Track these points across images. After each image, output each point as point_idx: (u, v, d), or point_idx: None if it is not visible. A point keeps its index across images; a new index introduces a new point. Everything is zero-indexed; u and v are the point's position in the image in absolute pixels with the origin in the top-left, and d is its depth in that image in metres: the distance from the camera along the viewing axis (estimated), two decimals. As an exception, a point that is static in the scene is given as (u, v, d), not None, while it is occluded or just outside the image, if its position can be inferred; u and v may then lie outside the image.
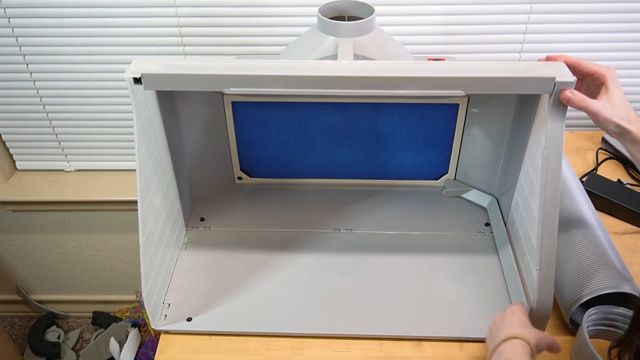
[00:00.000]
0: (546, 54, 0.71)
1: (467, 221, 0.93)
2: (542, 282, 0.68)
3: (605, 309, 0.71)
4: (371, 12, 0.82)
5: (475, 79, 0.65)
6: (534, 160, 0.76)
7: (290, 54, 0.87)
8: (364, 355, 0.73)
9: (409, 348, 0.74)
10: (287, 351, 0.74)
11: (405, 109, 0.90)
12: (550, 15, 1.06)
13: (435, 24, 1.07)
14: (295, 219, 0.94)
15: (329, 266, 0.85)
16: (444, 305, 0.78)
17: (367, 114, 0.91)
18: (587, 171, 1.03)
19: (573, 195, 0.85)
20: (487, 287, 0.81)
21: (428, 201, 0.98)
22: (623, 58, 1.12)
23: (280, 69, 0.66)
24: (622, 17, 1.06)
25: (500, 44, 1.10)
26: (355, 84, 0.65)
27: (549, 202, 0.66)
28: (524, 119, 0.80)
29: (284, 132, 0.94)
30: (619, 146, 1.07)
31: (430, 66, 0.67)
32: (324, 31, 0.81)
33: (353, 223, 0.93)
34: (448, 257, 0.86)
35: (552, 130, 0.65)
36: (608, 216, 0.94)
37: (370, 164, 0.98)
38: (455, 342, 0.74)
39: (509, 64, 0.66)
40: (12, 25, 1.07)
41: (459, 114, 0.90)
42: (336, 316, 0.77)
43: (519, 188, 0.83)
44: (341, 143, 0.95)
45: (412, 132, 0.93)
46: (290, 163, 0.99)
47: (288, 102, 0.90)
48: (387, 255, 0.87)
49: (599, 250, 0.75)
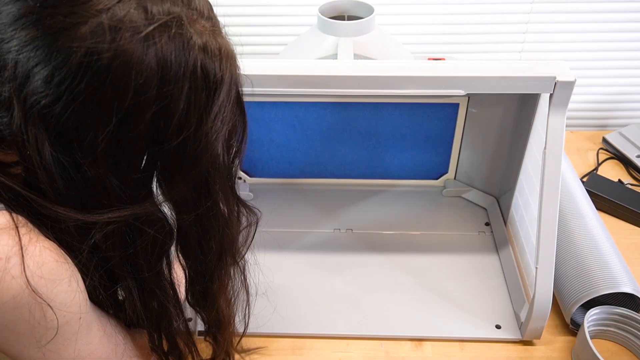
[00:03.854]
0: (546, 53, 0.71)
1: (467, 221, 0.93)
2: (540, 280, 0.68)
3: (606, 309, 0.71)
4: (371, 11, 0.82)
5: (475, 79, 0.65)
6: (534, 159, 0.76)
7: (290, 54, 0.87)
8: (364, 355, 0.73)
9: (409, 348, 0.73)
10: (287, 351, 0.73)
11: (405, 109, 0.90)
12: (550, 15, 1.06)
13: (435, 23, 1.07)
14: (295, 219, 0.94)
15: (329, 266, 0.85)
16: (444, 305, 0.78)
17: (367, 113, 0.91)
18: (588, 171, 1.03)
19: (573, 195, 0.85)
20: (487, 287, 0.81)
21: (428, 201, 0.97)
22: (623, 58, 1.12)
23: (280, 69, 0.66)
24: (622, 17, 1.06)
25: (500, 44, 1.10)
26: (355, 84, 0.65)
27: (548, 202, 0.66)
28: (524, 119, 0.80)
29: (284, 132, 0.94)
30: (620, 146, 1.07)
31: (430, 66, 0.67)
32: (324, 31, 0.81)
33: (353, 223, 0.93)
34: (448, 257, 0.86)
35: (553, 130, 0.65)
36: (609, 216, 0.94)
37: (370, 164, 0.98)
38: (455, 342, 0.74)
39: (509, 64, 0.66)
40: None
41: (459, 114, 0.90)
42: (336, 316, 0.77)
43: (519, 188, 0.83)
44: (341, 143, 0.95)
45: (412, 131, 0.93)
46: (290, 163, 0.99)
47: (288, 102, 0.90)
48: (387, 255, 0.86)
49: (600, 251, 0.75)
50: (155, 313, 0.55)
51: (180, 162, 0.47)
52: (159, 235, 0.50)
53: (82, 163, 0.43)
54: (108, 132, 0.42)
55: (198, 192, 0.49)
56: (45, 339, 0.46)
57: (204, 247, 0.54)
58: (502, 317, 0.76)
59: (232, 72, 0.47)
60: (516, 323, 0.75)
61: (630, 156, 1.04)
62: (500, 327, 0.75)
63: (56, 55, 0.40)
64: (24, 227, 0.44)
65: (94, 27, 0.40)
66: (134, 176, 0.46)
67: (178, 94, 0.43)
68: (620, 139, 1.09)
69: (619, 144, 1.08)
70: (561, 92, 0.64)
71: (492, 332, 0.74)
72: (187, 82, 0.43)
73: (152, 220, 0.49)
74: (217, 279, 0.57)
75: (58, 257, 0.46)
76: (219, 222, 0.53)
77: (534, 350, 0.73)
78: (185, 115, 0.44)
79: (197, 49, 0.44)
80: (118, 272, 0.51)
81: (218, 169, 0.49)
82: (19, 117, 0.41)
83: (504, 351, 0.73)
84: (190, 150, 0.46)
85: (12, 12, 0.41)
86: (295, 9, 1.05)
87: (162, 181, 0.48)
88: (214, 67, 0.45)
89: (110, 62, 0.40)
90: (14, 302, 0.43)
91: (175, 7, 0.43)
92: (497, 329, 0.74)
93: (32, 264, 0.43)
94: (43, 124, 0.42)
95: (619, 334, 0.73)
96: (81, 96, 0.41)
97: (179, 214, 0.51)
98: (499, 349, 0.73)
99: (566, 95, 0.64)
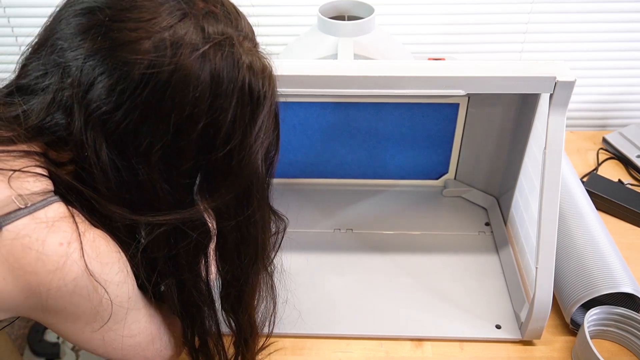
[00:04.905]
0: (546, 53, 0.71)
1: (467, 221, 0.93)
2: (540, 280, 0.68)
3: (606, 309, 0.71)
4: (371, 12, 0.82)
5: (475, 79, 0.64)
6: (534, 159, 0.76)
7: (291, 54, 0.87)
8: (364, 355, 0.73)
9: (409, 348, 0.73)
10: (287, 351, 0.73)
11: (405, 109, 0.90)
12: (550, 15, 1.06)
13: (435, 24, 1.07)
14: (295, 219, 0.94)
15: (329, 266, 0.85)
16: (444, 305, 0.78)
17: (367, 113, 0.91)
18: (588, 171, 1.03)
19: (573, 195, 0.85)
20: (487, 287, 0.81)
21: (428, 201, 0.97)
22: (623, 58, 1.12)
23: (281, 69, 0.65)
24: (622, 17, 1.06)
25: (500, 44, 1.10)
26: (355, 84, 0.65)
27: (548, 202, 0.66)
28: (524, 119, 0.80)
29: (284, 132, 0.93)
30: (620, 146, 1.07)
31: (430, 66, 0.67)
32: (324, 31, 0.81)
33: (353, 223, 0.93)
34: (448, 257, 0.86)
35: (553, 130, 0.65)
36: (609, 216, 0.94)
37: (370, 164, 0.98)
38: (455, 342, 0.74)
39: (509, 64, 0.66)
40: (11, 25, 1.07)
41: (459, 114, 0.90)
42: (336, 316, 0.77)
43: (519, 188, 0.83)
44: (341, 143, 0.95)
45: (412, 131, 0.93)
46: (290, 163, 0.99)
47: (288, 102, 0.90)
48: (387, 255, 0.86)
49: (600, 250, 0.75)
50: (190, 312, 0.58)
51: (225, 172, 0.51)
52: (201, 239, 0.53)
53: (137, 167, 0.47)
54: (164, 140, 0.46)
55: (240, 200, 0.53)
56: (101, 317, 0.49)
57: (241, 252, 0.57)
58: (502, 317, 0.76)
59: (272, 90, 0.52)
60: (516, 323, 0.75)
61: (630, 156, 1.04)
62: (500, 327, 0.75)
63: (121, 66, 0.44)
64: (78, 217, 0.47)
65: (157, 42, 0.44)
66: (183, 182, 0.50)
67: (227, 107, 0.47)
68: (620, 139, 1.09)
69: (619, 144, 1.08)
70: (561, 92, 0.64)
71: (492, 332, 0.74)
72: (235, 97, 0.47)
73: (196, 225, 0.52)
74: (250, 284, 0.60)
75: (108, 243, 0.49)
76: (257, 229, 0.56)
77: (534, 350, 0.73)
78: (232, 127, 0.48)
79: (245, 67, 0.48)
80: (160, 269, 0.53)
81: (258, 179, 0.53)
82: (80, 121, 0.45)
83: (504, 351, 0.73)
84: (235, 161, 0.50)
85: (81, 23, 0.45)
86: (295, 9, 1.05)
87: (208, 189, 0.52)
88: (258, 85, 0.49)
89: (170, 75, 0.44)
90: (74, 283, 0.45)
91: (228, 28, 0.48)
92: (497, 329, 0.74)
93: (89, 249, 0.46)
94: (102, 128, 0.45)
95: (619, 334, 0.73)
96: (141, 106, 0.44)
97: (220, 220, 0.54)
98: (499, 349, 0.73)
99: (566, 95, 0.64)
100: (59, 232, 0.45)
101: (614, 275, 0.71)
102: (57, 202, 0.46)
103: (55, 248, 0.44)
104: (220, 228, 0.55)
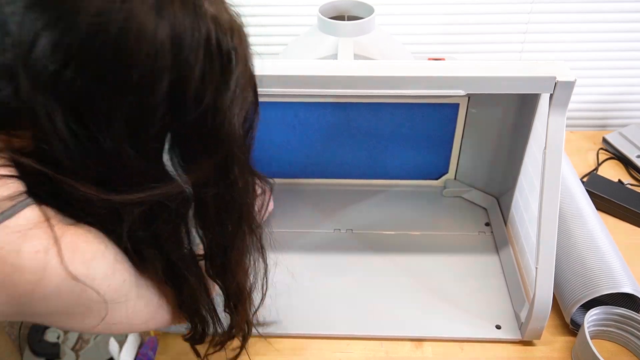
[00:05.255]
0: (546, 53, 0.71)
1: (467, 221, 0.93)
2: (540, 281, 0.68)
3: (606, 309, 0.71)
4: (371, 12, 0.82)
5: (475, 79, 0.64)
6: (534, 159, 0.76)
7: (290, 54, 0.87)
8: (364, 355, 0.73)
9: (409, 348, 0.73)
10: (287, 351, 0.73)
11: (405, 109, 0.90)
12: (550, 15, 1.06)
13: (435, 24, 1.07)
14: (295, 219, 0.94)
15: (329, 266, 0.85)
16: (444, 305, 0.78)
17: (367, 113, 0.91)
18: (588, 171, 1.03)
19: (573, 195, 0.85)
20: (488, 287, 0.81)
21: (428, 201, 0.97)
22: (623, 58, 1.12)
23: (280, 69, 0.66)
24: (622, 17, 1.06)
25: (500, 44, 1.10)
26: (355, 84, 0.65)
27: (548, 202, 0.66)
28: (524, 119, 0.80)
29: (284, 132, 0.94)
30: (620, 146, 1.07)
31: (430, 66, 0.66)
32: (324, 31, 0.80)
33: (353, 223, 0.93)
34: (448, 257, 0.86)
35: (553, 130, 0.65)
36: (609, 216, 0.94)
37: (370, 164, 0.98)
38: (455, 343, 0.74)
39: (509, 64, 0.66)
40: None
41: (459, 114, 0.90)
42: (336, 316, 0.77)
43: (519, 188, 0.83)
44: (341, 143, 0.95)
45: (412, 131, 0.93)
46: (290, 163, 0.99)
47: (288, 102, 0.90)
48: (387, 255, 0.86)
49: (600, 251, 0.75)
50: (178, 282, 0.56)
51: (201, 135, 0.47)
52: (180, 207, 0.50)
53: (98, 134, 0.42)
54: (125, 102, 0.41)
55: (219, 166, 0.50)
56: (99, 311, 0.48)
57: (222, 219, 0.54)
58: (502, 317, 0.76)
59: (243, 44, 0.48)
60: (516, 323, 0.75)
61: (630, 156, 1.04)
62: (500, 328, 0.75)
63: (65, 16, 0.38)
64: (53, 218, 0.44)
65: None
66: (153, 147, 0.45)
67: (193, 63, 0.42)
68: (620, 139, 1.09)
69: (619, 144, 1.08)
70: (561, 92, 0.64)
71: (492, 332, 0.74)
72: (201, 51, 0.43)
73: (175, 196, 0.49)
74: (235, 249, 0.57)
75: (87, 239, 0.46)
76: (237, 194, 0.53)
77: (534, 351, 0.73)
78: (202, 85, 0.44)
79: (210, 18, 0.43)
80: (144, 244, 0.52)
81: (237, 142, 0.49)
82: (27, 85, 0.39)
83: (504, 351, 0.73)
84: (211, 123, 0.46)
85: None
86: (295, 9, 1.05)
87: (184, 158, 0.48)
88: (227, 38, 0.45)
89: (122, 25, 0.39)
90: (58, 290, 0.44)
91: None
92: (497, 329, 0.74)
93: (68, 252, 0.44)
94: (53, 91, 0.40)
95: (619, 334, 0.73)
96: (92, 62, 0.39)
97: (198, 187, 0.50)
98: (499, 349, 0.73)
99: (566, 95, 0.64)
100: (34, 240, 0.41)
101: (614, 276, 0.71)
102: (29, 207, 0.42)
103: (32, 257, 0.41)
104: (200, 195, 0.51)
